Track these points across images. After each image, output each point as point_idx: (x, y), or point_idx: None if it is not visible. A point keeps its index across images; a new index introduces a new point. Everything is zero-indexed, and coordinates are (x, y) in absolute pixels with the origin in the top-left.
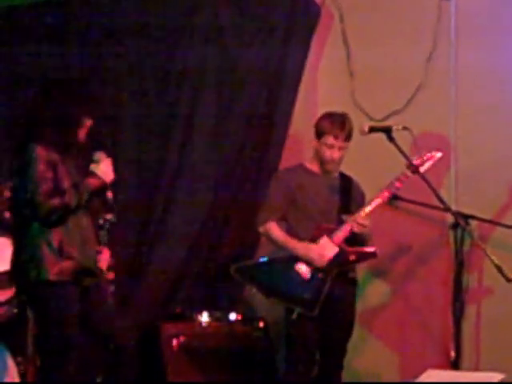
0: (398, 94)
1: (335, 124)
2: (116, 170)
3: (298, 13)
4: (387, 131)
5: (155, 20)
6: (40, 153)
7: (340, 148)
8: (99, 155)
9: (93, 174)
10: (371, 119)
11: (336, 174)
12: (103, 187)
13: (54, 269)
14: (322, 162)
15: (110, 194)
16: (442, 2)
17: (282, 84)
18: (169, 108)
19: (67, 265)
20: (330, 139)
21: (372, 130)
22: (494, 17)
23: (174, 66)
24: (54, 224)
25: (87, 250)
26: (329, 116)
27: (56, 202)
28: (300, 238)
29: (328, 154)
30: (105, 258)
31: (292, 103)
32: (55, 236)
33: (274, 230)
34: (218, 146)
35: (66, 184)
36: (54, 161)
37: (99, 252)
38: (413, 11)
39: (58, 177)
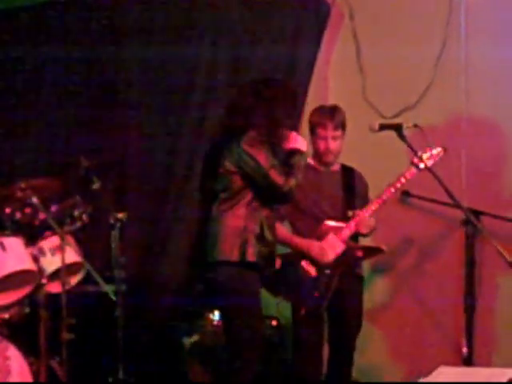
0: (409, 91)
1: (324, 115)
2: (127, 171)
3: (308, 12)
4: (398, 129)
5: (165, 19)
6: (251, 150)
7: (333, 138)
8: None
9: None
10: (382, 116)
11: (337, 168)
12: None
13: (254, 251)
14: (318, 155)
15: None
16: None
17: (292, 82)
18: (179, 110)
19: (264, 250)
20: (320, 131)
21: (382, 127)
22: (504, 13)
23: (184, 67)
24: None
25: (271, 237)
26: (318, 109)
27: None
28: (305, 238)
29: (322, 145)
30: None
31: (302, 101)
32: (255, 222)
33: (278, 229)
34: None
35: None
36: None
37: None
38: (423, 8)
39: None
